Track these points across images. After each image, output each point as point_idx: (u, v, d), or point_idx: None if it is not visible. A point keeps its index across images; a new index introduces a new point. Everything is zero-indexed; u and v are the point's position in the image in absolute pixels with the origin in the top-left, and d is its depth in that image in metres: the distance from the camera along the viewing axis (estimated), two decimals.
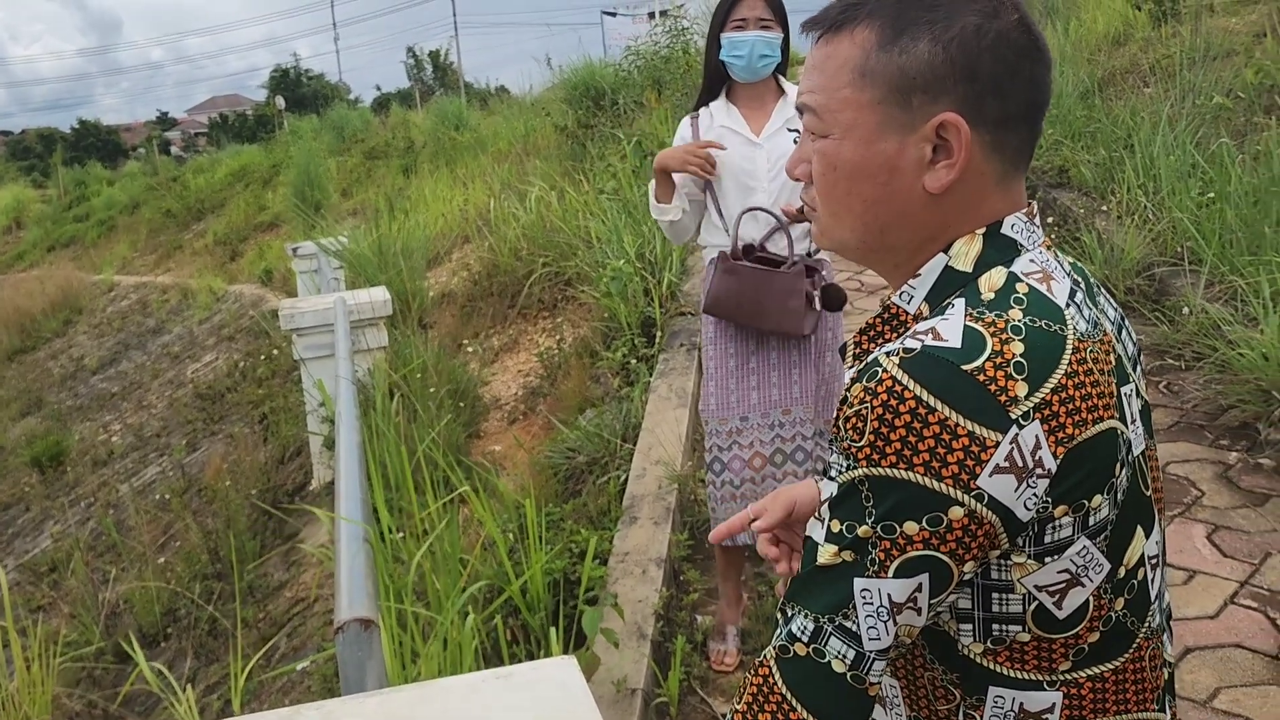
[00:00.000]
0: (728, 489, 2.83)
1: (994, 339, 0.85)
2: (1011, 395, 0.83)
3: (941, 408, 0.83)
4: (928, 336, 0.87)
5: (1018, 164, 0.95)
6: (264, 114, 40.94)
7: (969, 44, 0.90)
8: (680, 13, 11.32)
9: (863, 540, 0.86)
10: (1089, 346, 0.89)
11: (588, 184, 7.69)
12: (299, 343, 5.43)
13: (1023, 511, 0.85)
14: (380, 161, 16.05)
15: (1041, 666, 0.93)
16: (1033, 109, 0.93)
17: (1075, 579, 0.90)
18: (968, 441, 0.83)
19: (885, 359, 0.87)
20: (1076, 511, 0.87)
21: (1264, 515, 3.28)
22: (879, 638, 0.87)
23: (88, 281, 19.49)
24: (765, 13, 2.65)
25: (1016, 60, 0.90)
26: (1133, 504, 0.92)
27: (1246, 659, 2.65)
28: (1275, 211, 4.50)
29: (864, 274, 6.10)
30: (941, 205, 0.94)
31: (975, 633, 0.93)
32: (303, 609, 4.47)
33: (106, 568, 6.35)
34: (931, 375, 0.84)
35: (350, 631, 1.72)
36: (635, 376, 4.69)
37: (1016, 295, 0.89)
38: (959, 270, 0.93)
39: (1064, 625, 0.91)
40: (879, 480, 0.85)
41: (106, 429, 10.89)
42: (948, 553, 0.85)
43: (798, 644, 0.89)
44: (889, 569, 0.85)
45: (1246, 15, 7.18)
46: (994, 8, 0.91)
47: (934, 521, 0.84)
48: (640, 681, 2.70)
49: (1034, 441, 0.83)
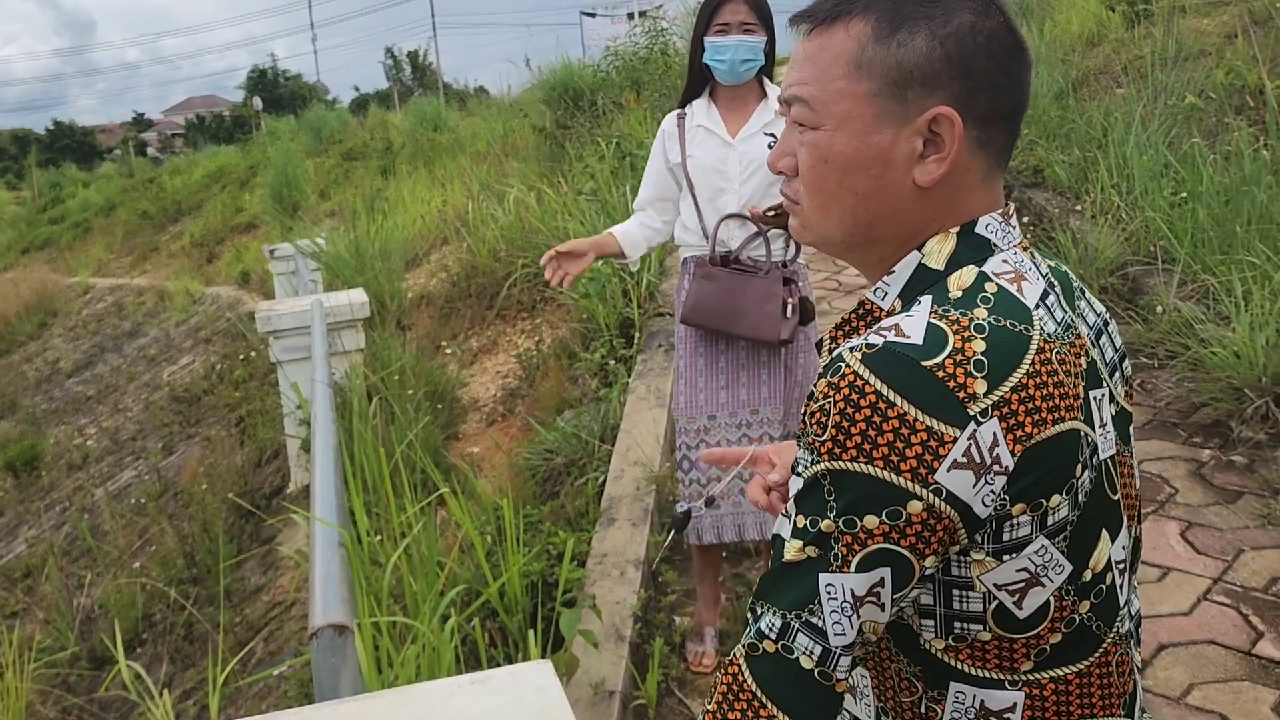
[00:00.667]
0: (695, 487, 2.84)
1: (956, 336, 0.86)
2: (970, 392, 0.84)
3: (901, 402, 0.84)
4: (890, 332, 0.88)
5: (1000, 163, 0.96)
6: (241, 115, 40.71)
7: (965, 40, 0.91)
8: (659, 13, 11.33)
9: (825, 535, 0.87)
10: (1056, 348, 0.89)
11: (566, 185, 7.68)
12: (276, 345, 5.40)
13: (981, 508, 0.86)
14: (358, 163, 15.97)
15: (1003, 666, 0.94)
16: (1018, 109, 0.95)
17: (1035, 579, 0.90)
18: (926, 436, 0.84)
19: (849, 354, 0.88)
20: (1035, 510, 0.88)
21: (1236, 512, 3.31)
22: (844, 633, 0.87)
23: (63, 284, 19.30)
24: (749, 17, 2.65)
25: (1007, 60, 0.93)
26: (1096, 507, 0.93)
27: (1219, 655, 2.67)
28: (1246, 211, 4.55)
29: (841, 274, 6.12)
30: (929, 200, 0.95)
31: (937, 629, 0.94)
32: (280, 612, 4.44)
33: (82, 573, 6.29)
34: (892, 371, 0.85)
35: (324, 638, 1.71)
36: (613, 377, 4.69)
37: (984, 294, 0.90)
38: (931, 268, 0.94)
39: (1025, 625, 0.92)
40: (840, 474, 0.86)
41: (82, 432, 10.78)
42: (908, 547, 0.86)
43: (766, 641, 0.89)
44: (851, 563, 0.86)
45: (1218, 16, 7.25)
46: (984, 7, 0.92)
47: (893, 515, 0.85)
48: (618, 683, 2.70)
49: (991, 439, 0.84)
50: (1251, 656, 2.65)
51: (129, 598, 5.22)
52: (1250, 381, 3.74)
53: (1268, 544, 3.13)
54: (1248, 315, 3.84)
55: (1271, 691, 2.52)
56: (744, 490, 2.80)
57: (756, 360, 2.79)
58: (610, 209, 6.53)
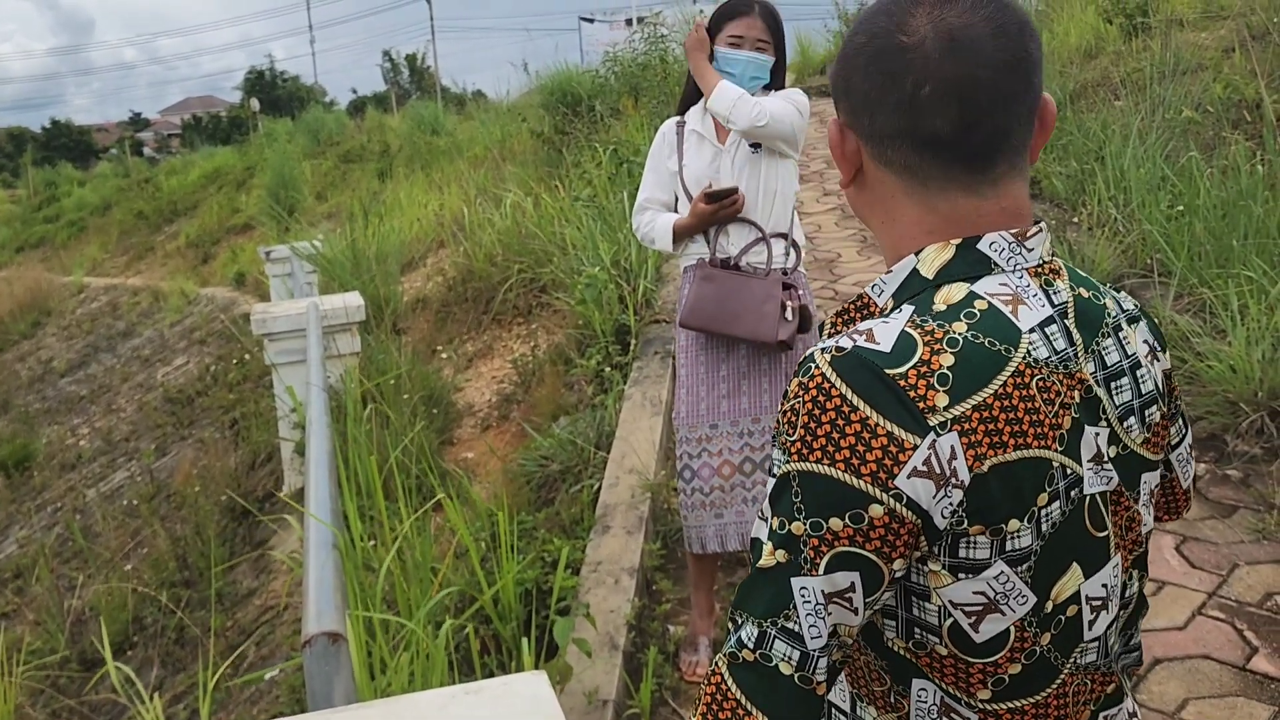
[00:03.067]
0: (698, 496, 2.82)
1: (925, 347, 0.87)
2: (930, 404, 0.85)
3: (863, 407, 0.86)
4: (862, 337, 0.90)
5: (925, 182, 0.93)
6: (238, 116, 40.66)
7: (848, 62, 0.96)
8: (658, 20, 11.35)
9: (795, 538, 0.88)
10: (1039, 374, 0.89)
11: (564, 190, 7.68)
12: (271, 348, 5.39)
13: (940, 519, 0.87)
14: (355, 165, 15.97)
15: (959, 686, 0.94)
16: (905, 132, 0.92)
17: (993, 604, 0.90)
18: (886, 441, 0.85)
19: (819, 355, 0.90)
20: (994, 535, 0.88)
21: (1231, 527, 3.31)
22: (819, 635, 0.88)
23: (57, 283, 19.26)
24: (764, 34, 2.66)
25: (884, 80, 0.91)
26: (1069, 540, 0.92)
27: (1214, 670, 2.67)
28: (1243, 225, 4.56)
29: (837, 283, 6.12)
30: (867, 201, 1.00)
31: (898, 630, 0.96)
32: (272, 616, 4.42)
33: (73, 574, 6.27)
34: (856, 375, 0.87)
35: (318, 646, 1.70)
36: (609, 384, 4.68)
37: (970, 310, 0.90)
38: (922, 275, 0.94)
39: (981, 651, 0.92)
40: (806, 475, 0.87)
41: (75, 432, 10.74)
42: (873, 550, 0.86)
43: (745, 650, 0.90)
44: (819, 565, 0.87)
45: (1215, 30, 7.28)
46: (898, 24, 0.91)
47: (856, 519, 0.86)
48: (612, 692, 2.69)
49: (950, 451, 0.85)
50: (1246, 672, 2.65)
51: (120, 600, 5.20)
52: (1246, 396, 3.74)
53: (1263, 559, 3.13)
54: (1244, 329, 3.85)
55: (1266, 707, 2.51)
56: (746, 499, 2.80)
57: (758, 368, 2.79)
58: (607, 215, 6.53)
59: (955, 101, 0.89)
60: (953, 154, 0.91)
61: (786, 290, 2.69)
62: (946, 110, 0.89)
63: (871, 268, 6.29)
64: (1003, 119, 0.91)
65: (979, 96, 0.89)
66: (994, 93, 0.89)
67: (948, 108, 0.89)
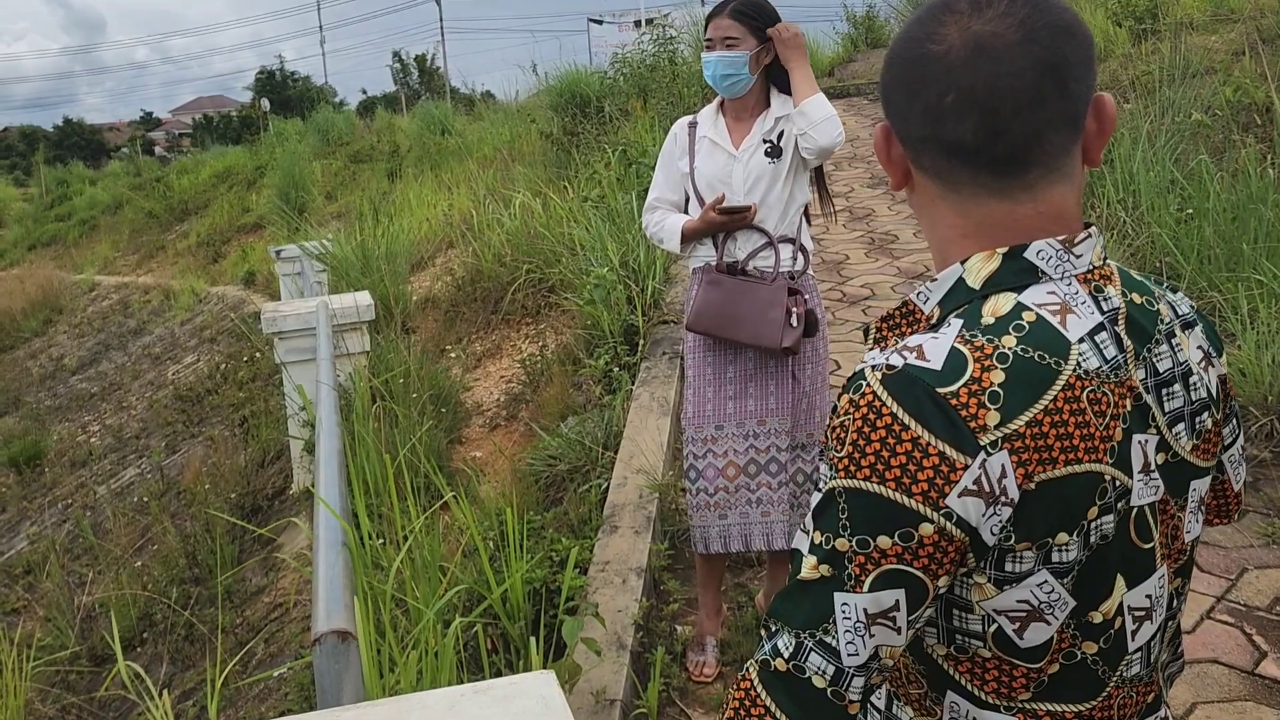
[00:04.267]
0: (703, 497, 2.83)
1: (976, 364, 0.87)
2: (981, 423, 0.85)
3: (915, 426, 0.85)
4: (912, 355, 0.89)
5: (956, 188, 0.94)
6: (249, 116, 40.76)
7: (887, 69, 0.98)
8: (666, 21, 11.35)
9: (840, 554, 0.87)
10: (1090, 386, 0.88)
11: (572, 191, 7.69)
12: (280, 346, 5.41)
13: (989, 536, 0.87)
14: (365, 165, 16.00)
15: (1000, 692, 0.94)
16: (935, 139, 0.92)
17: (1037, 612, 0.90)
18: (938, 461, 0.85)
19: (870, 373, 0.89)
20: (1040, 547, 0.88)
21: (1241, 531, 3.30)
22: (857, 653, 0.88)
23: (68, 281, 19.35)
24: (731, 31, 2.64)
25: (912, 89, 0.93)
26: (1116, 552, 0.92)
27: (1223, 674, 2.67)
28: (1253, 229, 4.54)
29: (845, 285, 6.12)
30: (915, 205, 1.02)
31: (939, 636, 0.96)
32: (280, 614, 4.44)
33: (83, 571, 6.30)
34: (907, 395, 0.86)
35: (327, 644, 1.71)
36: (617, 384, 4.69)
37: (1019, 323, 0.89)
38: (968, 285, 0.94)
39: (1026, 654, 0.92)
40: (854, 492, 0.87)
41: (85, 430, 10.79)
42: (921, 568, 0.86)
43: (779, 660, 0.90)
44: (864, 583, 0.87)
45: (1225, 33, 7.26)
46: (929, 32, 0.92)
47: (905, 537, 0.86)
48: (620, 692, 2.69)
49: (1000, 470, 0.85)
50: (1255, 676, 2.65)
51: (129, 597, 5.22)
52: (1256, 400, 3.73)
53: (1272, 563, 3.12)
54: (1254, 333, 3.84)
55: (1274, 712, 2.51)
56: (751, 501, 2.81)
57: (764, 371, 2.79)
58: (616, 215, 6.54)
59: (975, 110, 0.89)
60: (978, 161, 0.91)
61: (792, 296, 2.69)
62: (968, 118, 0.89)
63: (879, 269, 6.29)
64: (1031, 125, 0.89)
65: (1001, 104, 0.88)
66: (1019, 99, 0.88)
67: (969, 116, 0.89)
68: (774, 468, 2.81)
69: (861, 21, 15.46)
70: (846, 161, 9.55)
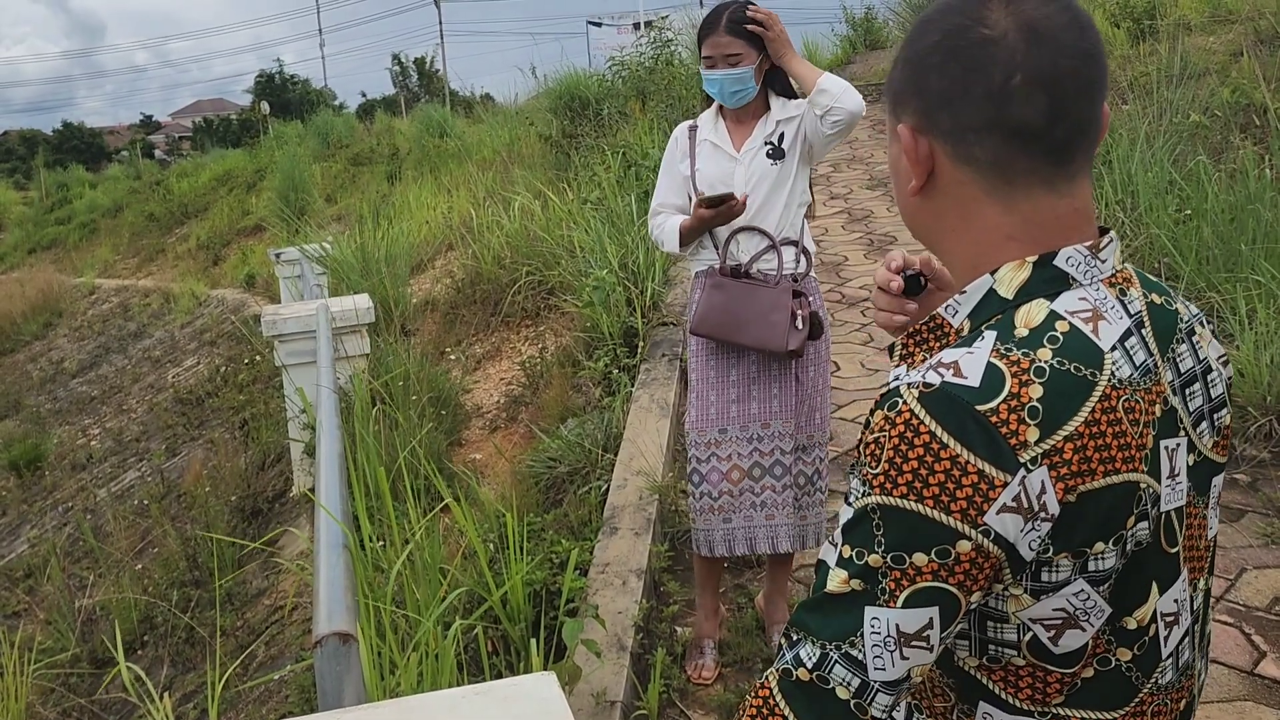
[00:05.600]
0: (706, 500, 2.84)
1: (1014, 379, 0.86)
2: (1022, 440, 0.84)
3: (953, 444, 0.84)
4: (949, 372, 0.88)
5: (1010, 178, 0.92)
6: (249, 118, 40.75)
7: (920, 61, 0.95)
8: (665, 24, 11.37)
9: (873, 569, 0.87)
10: (1124, 395, 0.88)
11: (572, 193, 7.70)
12: (281, 349, 5.41)
13: (1026, 551, 0.86)
14: (365, 168, 16.01)
15: (1034, 698, 0.94)
16: (993, 124, 0.91)
17: (1073, 619, 0.90)
18: (977, 479, 0.84)
19: (906, 390, 0.88)
20: (1077, 557, 0.88)
21: (1240, 531, 3.31)
22: (884, 668, 0.87)
23: (69, 284, 19.35)
24: (731, 47, 2.65)
25: (965, 75, 0.91)
26: (1150, 559, 0.92)
27: (1222, 674, 2.67)
28: (1251, 229, 4.55)
29: (844, 286, 6.13)
30: (936, 210, 0.98)
31: (971, 649, 0.95)
32: (281, 616, 4.45)
33: (84, 574, 6.31)
34: (946, 413, 0.86)
35: (329, 646, 1.71)
36: (617, 386, 4.70)
37: (1053, 334, 0.89)
38: (1000, 295, 0.93)
39: (1060, 660, 0.93)
40: (890, 509, 0.86)
41: (85, 433, 10.80)
42: (956, 584, 0.86)
43: (801, 669, 0.89)
44: (898, 599, 0.86)
45: (1223, 35, 7.27)
46: (976, 18, 0.91)
47: (942, 554, 0.85)
48: (620, 694, 2.70)
49: (1040, 486, 0.84)
50: (1254, 676, 2.65)
51: (130, 599, 5.23)
52: (1255, 400, 3.74)
53: (1271, 563, 3.13)
54: (1252, 334, 3.85)
55: (1274, 712, 2.51)
56: (755, 504, 2.81)
57: (767, 374, 2.80)
58: (615, 218, 6.55)
59: (1044, 91, 0.89)
60: (1040, 146, 0.91)
61: (797, 298, 2.70)
62: (1036, 100, 0.89)
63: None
64: (1086, 109, 0.91)
65: (1066, 85, 0.89)
66: (1079, 82, 0.90)
67: (1038, 97, 0.89)
68: (778, 470, 2.81)
69: (860, 24, 15.49)
70: (845, 163, 9.57)
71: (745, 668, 2.96)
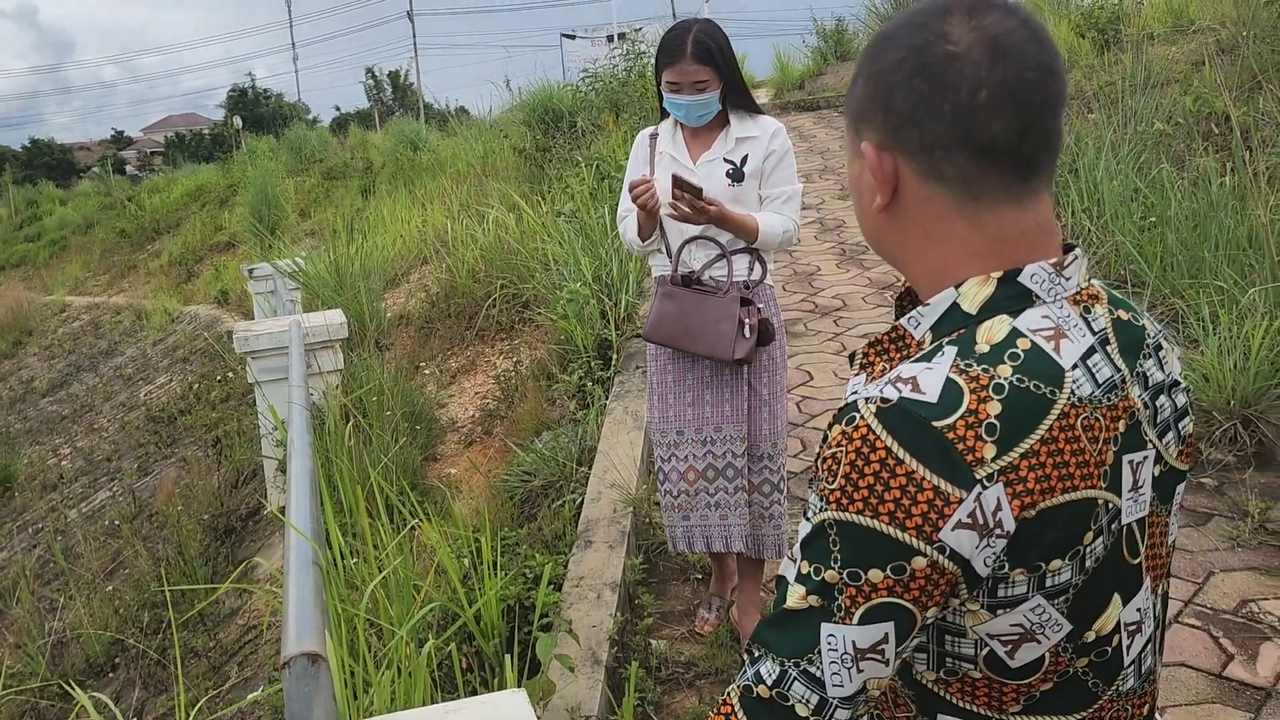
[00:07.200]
0: (669, 499, 2.98)
1: (972, 396, 0.86)
2: (978, 456, 0.84)
3: (909, 460, 0.84)
4: (907, 387, 0.87)
5: (977, 194, 0.92)
6: (221, 134, 40.50)
7: (886, 78, 0.93)
8: (638, 36, 11.42)
9: (829, 585, 0.87)
10: (1084, 413, 0.88)
11: (546, 206, 7.71)
12: (254, 366, 5.38)
13: (981, 567, 0.87)
14: (339, 182, 15.97)
15: (992, 704, 0.95)
16: (968, 139, 0.90)
17: (1029, 634, 0.91)
18: (932, 495, 0.84)
19: (864, 405, 0.88)
20: (1032, 572, 0.88)
21: (1206, 534, 3.35)
22: (842, 684, 0.88)
23: (39, 302, 19.14)
24: (699, 74, 2.66)
25: (932, 91, 0.90)
26: (1109, 571, 0.92)
27: (1191, 677, 2.70)
28: (1214, 236, 4.62)
29: (816, 296, 6.16)
30: (901, 226, 0.97)
31: (929, 663, 0.96)
32: (255, 636, 4.41)
33: (54, 596, 6.22)
34: (903, 429, 0.85)
35: (297, 667, 1.70)
36: (591, 399, 4.70)
37: (1014, 351, 0.89)
38: (964, 310, 0.93)
39: (1016, 673, 0.93)
40: (846, 525, 0.86)
41: (56, 453, 10.67)
42: (911, 600, 0.86)
43: (761, 686, 0.90)
44: (854, 615, 0.87)
45: (1185, 44, 7.38)
46: (939, 34, 0.90)
47: (897, 570, 0.85)
48: (595, 708, 2.69)
49: (995, 503, 0.84)
50: (1222, 679, 2.68)
51: (102, 621, 5.17)
52: (1219, 404, 3.79)
53: (1237, 566, 3.17)
54: (1216, 339, 3.90)
55: (1242, 714, 2.54)
56: (710, 504, 2.88)
57: (720, 379, 2.88)
58: (589, 230, 6.56)
59: (1012, 106, 0.88)
60: (1009, 161, 0.90)
61: (745, 306, 2.74)
62: (1005, 114, 0.89)
63: (851, 280, 6.33)
64: (1050, 123, 0.91)
65: (1032, 99, 0.89)
66: (1043, 95, 0.90)
67: (1006, 112, 0.89)
68: (730, 473, 2.90)
69: (831, 35, 15.61)
70: (817, 173, 9.63)
71: (721, 679, 2.97)
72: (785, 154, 2.80)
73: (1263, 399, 3.75)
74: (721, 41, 2.69)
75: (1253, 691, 2.62)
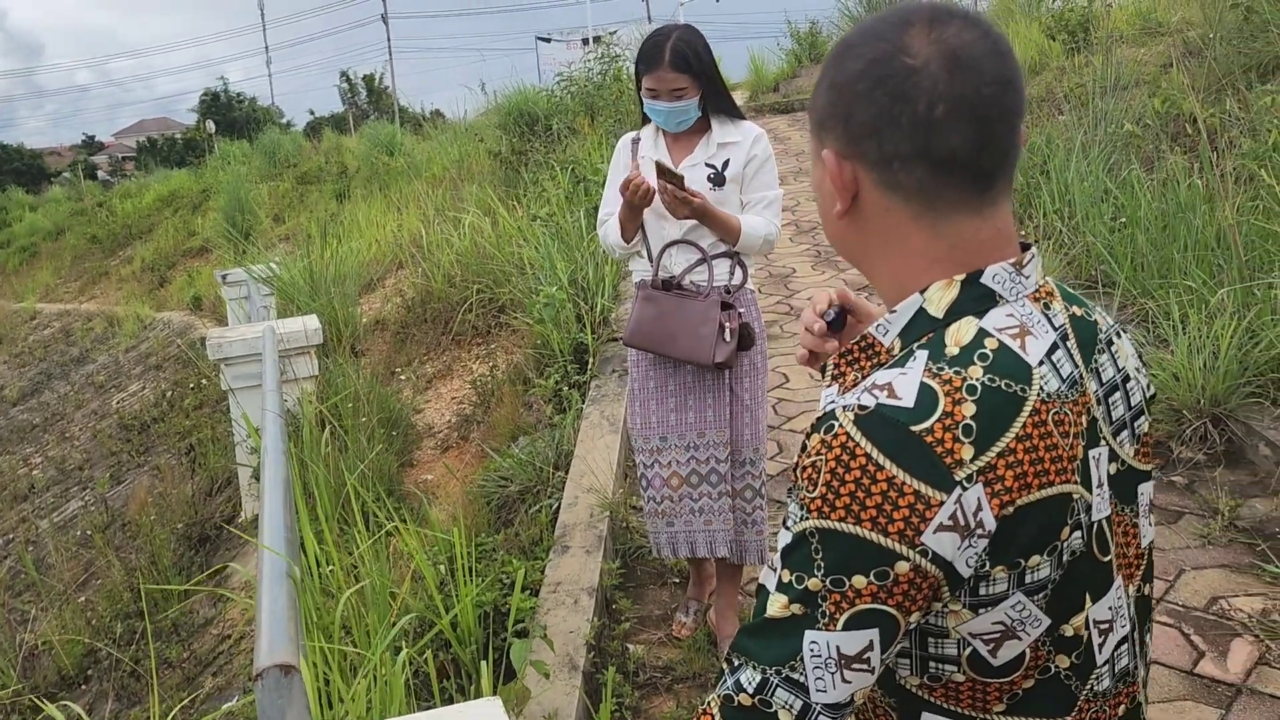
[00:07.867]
0: (652, 504, 2.97)
1: (947, 399, 0.87)
2: (957, 458, 0.85)
3: (890, 466, 0.85)
4: (883, 393, 0.89)
5: (935, 205, 0.93)
6: (194, 138, 40.11)
7: (847, 88, 0.94)
8: (613, 39, 11.42)
9: (812, 593, 0.87)
10: (1053, 409, 0.90)
11: (521, 210, 7.70)
12: (228, 372, 5.34)
13: (964, 568, 0.87)
14: (313, 186, 15.86)
15: (975, 705, 0.96)
16: (926, 152, 0.91)
17: (1010, 631, 0.92)
18: (913, 499, 0.85)
19: (841, 414, 0.89)
20: (1013, 569, 0.89)
21: (1177, 533, 3.38)
22: (826, 689, 0.88)
23: (8, 309, 18.92)
24: (677, 81, 2.66)
25: (891, 104, 0.90)
26: (1084, 568, 0.93)
27: (1163, 675, 2.72)
28: (1183, 237, 4.67)
29: (792, 298, 6.19)
30: (861, 232, 0.99)
31: (912, 668, 0.96)
32: (229, 646, 4.37)
33: (25, 607, 6.14)
34: (882, 435, 0.86)
35: (270, 678, 1.69)
36: (568, 403, 4.70)
37: (982, 351, 0.90)
38: (930, 314, 0.94)
39: (998, 671, 0.94)
40: (828, 532, 0.87)
41: (27, 462, 10.53)
42: (895, 605, 0.87)
43: (743, 694, 0.90)
44: (838, 622, 0.87)
45: (1154, 46, 7.46)
46: (899, 46, 0.91)
47: (881, 575, 0.86)
48: (572, 714, 2.69)
49: (975, 503, 0.85)
50: (1194, 676, 2.70)
51: (74, 633, 5.10)
52: (1189, 403, 3.83)
53: (1208, 564, 3.20)
54: (1185, 338, 3.94)
55: (1214, 710, 2.57)
56: (694, 510, 2.87)
57: (702, 384, 2.87)
58: (565, 234, 6.56)
59: (970, 120, 0.89)
60: (966, 174, 0.91)
61: (725, 310, 2.74)
62: (962, 128, 0.89)
63: (826, 282, 6.36)
64: (1008, 136, 0.92)
65: (990, 113, 0.90)
66: (1000, 109, 0.90)
67: (963, 126, 0.89)
68: (714, 478, 2.90)
69: (805, 37, 15.69)
70: (792, 176, 9.66)
71: (698, 683, 2.97)
72: (766, 159, 2.81)
73: (1232, 397, 3.79)
74: (700, 49, 2.69)
75: (1224, 688, 2.65)
